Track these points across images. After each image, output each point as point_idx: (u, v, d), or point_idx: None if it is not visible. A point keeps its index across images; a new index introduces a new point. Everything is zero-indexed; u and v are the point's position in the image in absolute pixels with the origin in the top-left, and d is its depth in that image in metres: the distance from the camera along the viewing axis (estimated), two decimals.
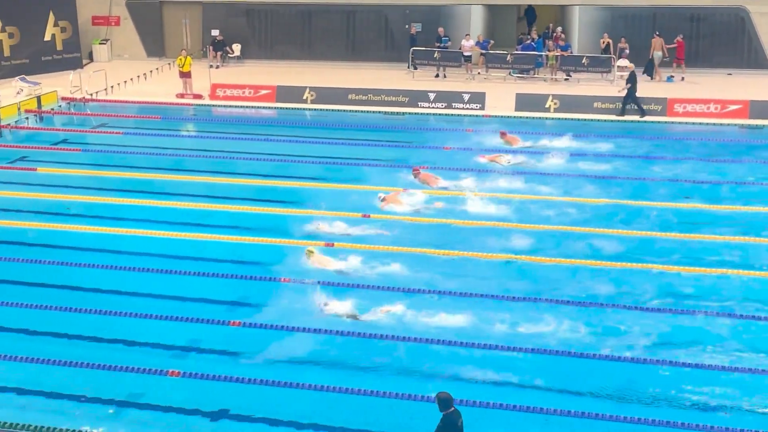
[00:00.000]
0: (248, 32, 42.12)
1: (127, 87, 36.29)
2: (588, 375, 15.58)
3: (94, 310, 17.72)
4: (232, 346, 16.64)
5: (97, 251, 20.69)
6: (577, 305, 17.90)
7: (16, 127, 31.60)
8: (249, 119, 33.29)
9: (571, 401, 14.73)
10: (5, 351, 16.15)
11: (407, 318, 17.33)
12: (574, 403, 14.67)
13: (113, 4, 42.51)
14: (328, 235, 21.36)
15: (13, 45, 38.48)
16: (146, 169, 26.74)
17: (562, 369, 15.78)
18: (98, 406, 14.77)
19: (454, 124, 32.21)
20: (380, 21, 41.28)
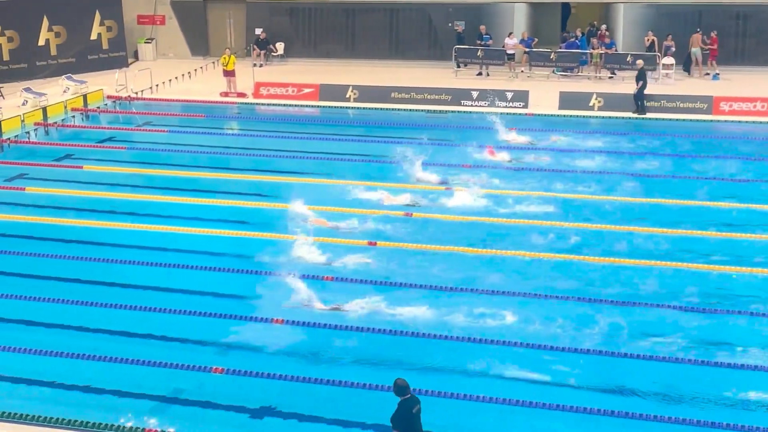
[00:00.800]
0: (292, 31, 42.27)
1: (172, 86, 36.55)
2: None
3: (140, 306, 17.89)
4: (276, 343, 16.73)
5: (142, 248, 20.89)
6: (618, 303, 17.83)
7: (62, 126, 31.96)
8: (292, 117, 33.38)
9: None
10: (50, 346, 16.35)
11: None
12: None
13: (158, 4, 42.85)
14: (365, 233, 21.43)
15: (59, 44, 38.90)
16: (190, 167, 26.93)
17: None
18: (143, 402, 14.93)
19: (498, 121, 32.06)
20: (423, 19, 41.25)
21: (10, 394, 15.13)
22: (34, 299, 18.31)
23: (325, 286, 18.78)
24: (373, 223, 22.11)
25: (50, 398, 15.01)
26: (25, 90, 33.72)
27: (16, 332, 17.17)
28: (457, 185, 24.92)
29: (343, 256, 20.17)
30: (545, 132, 30.67)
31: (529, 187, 24.81)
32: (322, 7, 41.94)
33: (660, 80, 36.42)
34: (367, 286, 18.68)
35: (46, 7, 38.47)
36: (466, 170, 26.44)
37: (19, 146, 29.47)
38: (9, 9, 37.96)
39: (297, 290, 18.13)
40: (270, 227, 21.95)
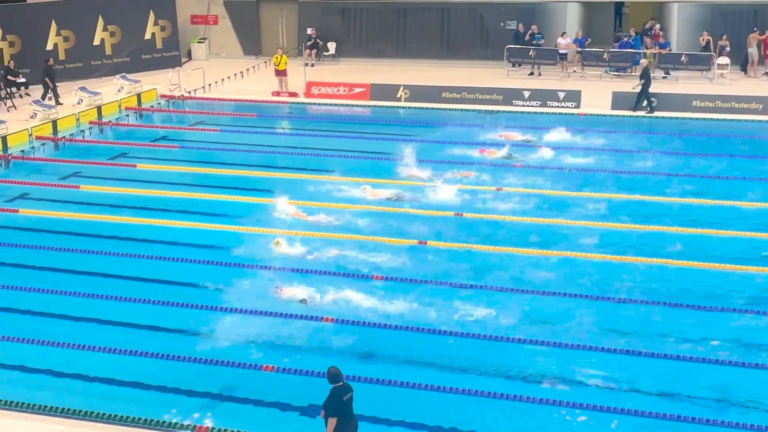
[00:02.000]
0: (343, 30, 42.36)
1: (224, 85, 36.80)
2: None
3: (190, 304, 18.04)
4: (325, 342, 16.78)
5: (194, 246, 21.06)
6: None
7: (116, 124, 32.30)
8: (343, 117, 33.41)
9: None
10: (101, 343, 16.53)
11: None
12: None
13: (211, 4, 43.15)
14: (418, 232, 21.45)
15: (114, 44, 39.33)
16: (242, 166, 27.09)
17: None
18: (194, 399, 15.05)
19: (548, 122, 31.90)
20: (475, 19, 41.14)
21: (66, 389, 15.34)
22: (88, 296, 18.55)
23: (375, 286, 18.83)
24: (421, 223, 22.09)
25: (101, 394, 15.18)
26: (81, 89, 34.14)
27: (67, 328, 17.39)
28: (507, 186, 24.87)
29: (389, 255, 20.23)
30: (597, 132, 30.47)
31: (578, 188, 24.68)
32: (373, 6, 41.98)
33: (715, 80, 36.00)
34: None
35: (101, 7, 38.92)
36: (517, 170, 26.33)
37: (74, 145, 29.84)
38: (65, 9, 38.47)
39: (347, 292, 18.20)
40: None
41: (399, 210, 23.08)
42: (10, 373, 15.86)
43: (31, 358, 16.25)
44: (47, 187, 25.44)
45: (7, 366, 16.05)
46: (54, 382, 15.58)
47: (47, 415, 14.42)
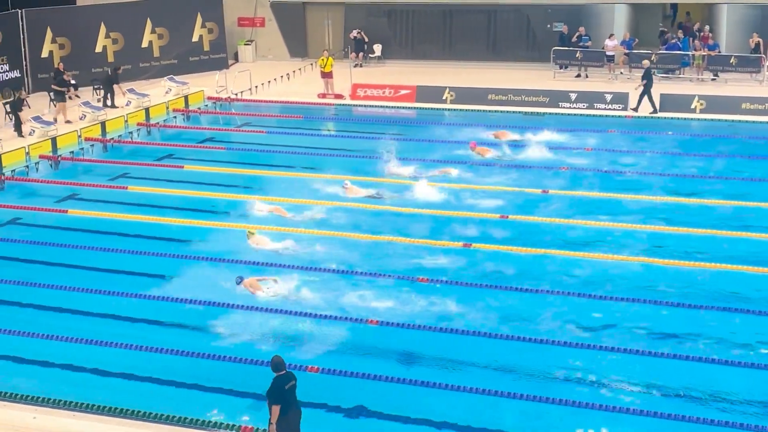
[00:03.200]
0: (389, 32, 42.38)
1: (271, 87, 36.94)
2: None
3: (235, 305, 18.14)
4: (369, 344, 16.80)
5: (239, 248, 21.15)
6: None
7: (164, 126, 32.56)
8: (389, 119, 33.39)
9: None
10: (148, 342, 16.67)
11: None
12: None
13: (258, 6, 43.36)
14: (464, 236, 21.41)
15: (162, 46, 39.65)
16: (288, 167, 27.17)
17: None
18: (239, 399, 15.13)
19: (595, 125, 31.72)
20: (521, 20, 40.98)
21: (114, 388, 15.49)
22: (135, 296, 18.73)
23: (420, 287, 18.84)
24: (473, 226, 22.07)
25: (148, 393, 15.31)
26: (129, 91, 34.45)
27: (115, 328, 17.56)
28: (552, 189, 24.79)
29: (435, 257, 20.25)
30: (645, 134, 30.25)
31: (627, 191, 24.53)
32: (419, 8, 41.96)
33: (764, 82, 35.57)
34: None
35: (149, 10, 39.27)
36: (562, 173, 26.21)
37: (123, 146, 30.13)
38: (114, 12, 38.87)
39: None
40: (361, 227, 22.05)
41: (444, 213, 23.07)
42: (61, 373, 16.04)
43: (80, 357, 16.42)
44: (96, 187, 25.68)
45: (57, 365, 16.23)
46: (102, 381, 15.73)
47: (96, 414, 14.56)
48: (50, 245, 21.52)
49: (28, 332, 17.16)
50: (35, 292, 19.07)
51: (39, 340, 16.95)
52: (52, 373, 16.03)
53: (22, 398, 14.99)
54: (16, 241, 21.92)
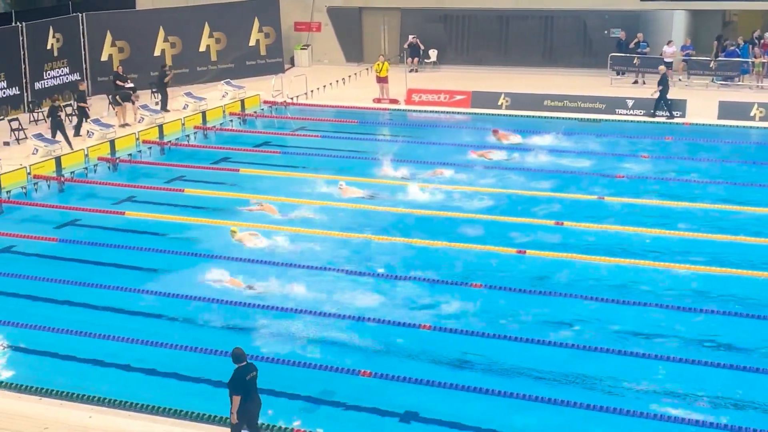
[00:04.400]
0: (445, 37, 42.34)
1: (326, 91, 37.05)
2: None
3: (289, 308, 18.23)
4: (421, 349, 16.80)
5: (293, 250, 21.27)
6: None
7: (220, 129, 32.79)
8: (443, 124, 33.28)
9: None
10: (203, 344, 16.80)
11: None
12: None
13: (315, 11, 43.54)
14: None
15: (219, 50, 39.98)
16: (342, 171, 27.23)
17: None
18: (293, 402, 15.20)
19: (652, 132, 31.42)
20: (578, 26, 40.73)
21: (169, 389, 15.65)
22: (190, 298, 18.89)
23: None
24: (528, 232, 22.01)
25: (202, 394, 15.45)
26: (186, 94, 34.77)
27: (168, 329, 17.75)
28: (608, 195, 24.63)
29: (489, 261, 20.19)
30: (703, 141, 29.94)
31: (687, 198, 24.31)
32: (475, 14, 41.87)
33: None
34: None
35: (207, 14, 39.63)
36: (620, 181, 26.02)
37: (179, 149, 30.42)
38: (173, 15, 39.29)
39: None
40: (412, 231, 22.05)
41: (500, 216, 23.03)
42: (117, 372, 16.24)
43: (135, 358, 16.61)
44: (153, 190, 25.96)
45: (113, 365, 16.43)
46: (157, 381, 15.91)
47: (150, 414, 14.72)
48: (108, 246, 21.78)
49: (85, 332, 17.38)
50: (92, 293, 19.33)
51: (96, 340, 17.18)
52: (108, 372, 16.23)
53: (79, 398, 15.19)
54: (74, 242, 22.22)
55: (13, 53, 34.06)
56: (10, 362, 16.77)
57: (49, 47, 35.62)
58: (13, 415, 14.67)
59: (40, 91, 34.99)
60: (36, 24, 35.16)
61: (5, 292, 19.59)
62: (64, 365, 16.45)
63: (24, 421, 14.56)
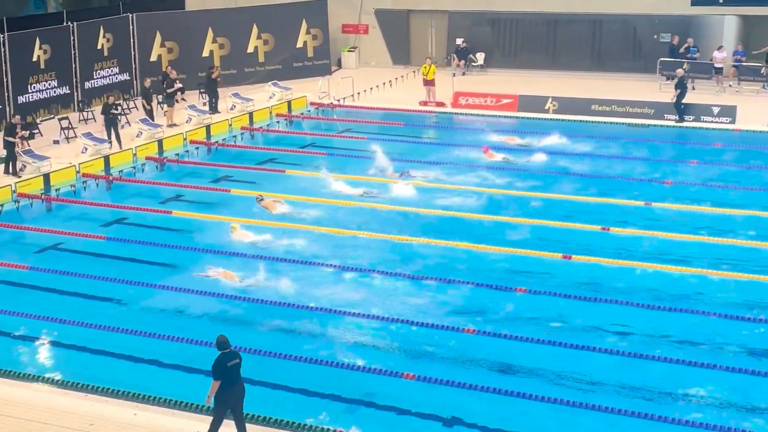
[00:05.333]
0: (492, 41, 42.20)
1: (373, 93, 37.07)
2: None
3: (330, 309, 18.28)
4: (466, 353, 16.74)
5: (338, 254, 21.30)
6: None
7: (267, 130, 32.92)
8: (490, 128, 33.11)
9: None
10: (250, 344, 16.85)
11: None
12: None
13: (363, 13, 43.59)
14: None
15: (267, 51, 40.14)
16: (386, 174, 27.23)
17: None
18: (336, 404, 15.21)
19: (701, 138, 31.09)
20: (628, 31, 40.39)
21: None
22: (235, 298, 18.97)
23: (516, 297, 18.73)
24: (573, 237, 21.85)
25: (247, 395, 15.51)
26: (234, 95, 34.94)
27: (213, 327, 17.79)
28: (656, 201, 24.42)
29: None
30: (753, 148, 29.60)
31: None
32: (523, 17, 41.69)
33: None
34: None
35: (256, 16, 39.81)
36: (668, 187, 25.80)
37: (226, 149, 30.58)
38: (222, 17, 39.50)
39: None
40: (458, 235, 22.01)
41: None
42: (162, 371, 16.38)
43: (181, 357, 16.71)
44: (199, 189, 26.09)
45: (158, 363, 16.54)
46: (203, 380, 15.94)
47: (194, 413, 14.80)
48: (154, 245, 21.93)
49: (132, 330, 17.51)
50: (139, 291, 19.48)
51: (142, 338, 17.29)
52: (153, 370, 16.35)
53: (124, 395, 15.30)
54: (121, 240, 22.40)
55: (65, 53, 34.43)
56: (56, 359, 16.94)
57: (100, 47, 35.96)
58: (59, 412, 14.83)
59: (89, 91, 35.34)
60: (87, 24, 35.52)
61: (53, 288, 19.81)
62: (110, 362, 16.59)
63: (70, 417, 14.70)
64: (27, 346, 17.46)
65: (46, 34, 33.94)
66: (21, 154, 27.06)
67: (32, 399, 15.28)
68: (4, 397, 15.20)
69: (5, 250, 22.11)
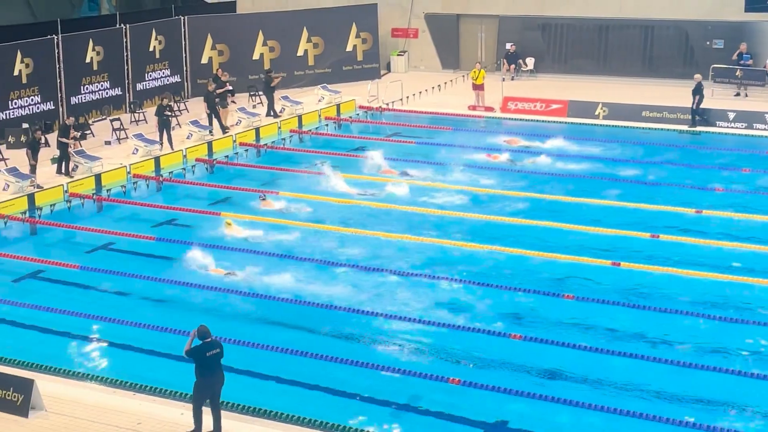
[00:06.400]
0: (542, 46, 42.00)
1: (422, 98, 37.07)
2: None
3: (379, 313, 18.32)
4: (512, 359, 16.69)
5: (384, 256, 21.31)
6: None
7: (316, 133, 33.04)
8: (538, 133, 32.91)
9: None
10: (299, 347, 16.95)
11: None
12: None
13: (412, 17, 43.61)
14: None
15: (317, 55, 40.29)
16: (436, 178, 27.21)
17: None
18: (382, 408, 15.22)
19: (753, 146, 30.73)
20: (680, 37, 40.01)
21: (260, 389, 15.86)
22: (285, 300, 19.08)
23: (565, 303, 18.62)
24: (623, 243, 21.68)
25: (294, 396, 15.58)
26: (283, 98, 35.11)
27: (263, 330, 17.93)
28: (706, 209, 24.17)
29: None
30: None
31: None
32: (574, 22, 41.45)
33: None
34: None
35: (306, 19, 39.98)
36: (719, 194, 25.53)
37: (275, 152, 30.72)
38: (272, 20, 39.74)
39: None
40: (517, 241, 21.94)
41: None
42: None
43: (229, 358, 16.77)
44: (248, 192, 26.22)
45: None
46: (251, 382, 16.10)
47: (243, 414, 14.87)
48: (203, 246, 22.05)
49: (180, 330, 17.61)
50: (188, 292, 19.64)
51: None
52: None
53: (172, 394, 15.44)
54: (171, 241, 22.59)
55: (117, 54, 34.84)
56: (106, 358, 17.12)
57: (151, 49, 36.34)
58: (107, 410, 14.98)
59: (141, 92, 35.72)
60: (139, 26, 35.91)
61: (103, 288, 20.04)
62: (159, 362, 16.74)
63: (118, 415, 14.86)
64: (78, 345, 17.69)
65: (99, 35, 34.39)
66: (73, 155, 27.42)
67: (83, 397, 15.47)
68: (55, 395, 15.40)
69: (57, 249, 22.44)
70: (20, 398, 14.93)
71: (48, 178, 26.76)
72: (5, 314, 18.77)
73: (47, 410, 15.00)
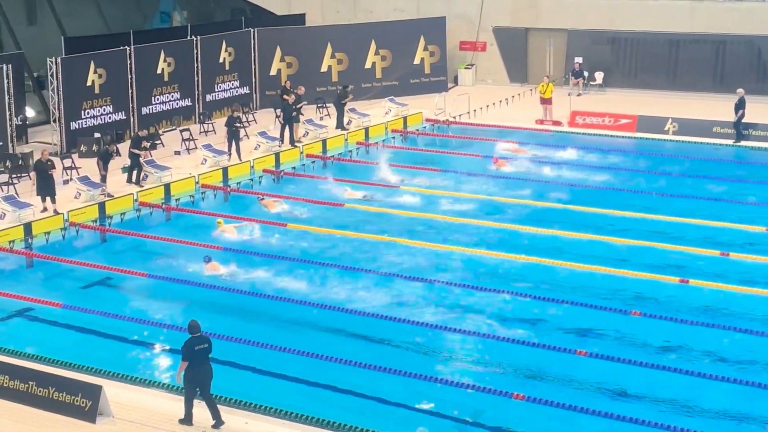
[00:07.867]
0: (612, 60, 41.67)
1: (489, 111, 36.96)
2: None
3: (448, 327, 18.32)
4: (576, 376, 16.55)
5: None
6: None
7: (382, 146, 33.07)
8: (607, 148, 32.62)
9: None
10: (354, 357, 16.99)
11: None
12: None
13: (481, 30, 43.56)
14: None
15: (385, 67, 40.40)
16: (501, 193, 27.10)
17: None
18: (443, 421, 15.18)
19: None
20: (752, 51, 39.42)
21: (321, 399, 15.96)
22: (344, 311, 19.14)
23: None
24: (690, 261, 21.40)
25: (351, 407, 15.63)
26: (350, 110, 35.24)
27: (323, 339, 18.00)
28: None
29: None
30: None
31: None
32: (644, 37, 41.07)
33: None
34: None
35: (374, 32, 40.14)
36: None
37: (342, 164, 30.83)
38: (341, 33, 39.98)
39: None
40: (584, 257, 21.78)
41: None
42: (274, 381, 16.65)
43: (293, 368, 16.91)
44: (314, 203, 26.33)
45: (271, 374, 16.78)
46: (312, 391, 16.16)
47: (305, 424, 14.93)
48: (268, 257, 22.21)
49: (245, 340, 17.76)
50: (254, 302, 19.78)
51: (255, 348, 17.53)
52: (265, 380, 16.56)
53: (236, 403, 15.53)
54: (238, 252, 22.72)
55: (188, 66, 35.29)
56: (171, 365, 17.27)
57: (221, 61, 36.76)
58: (173, 417, 15.12)
59: (210, 104, 36.13)
60: (210, 38, 36.33)
61: (170, 297, 20.25)
62: (225, 370, 16.81)
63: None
64: (145, 352, 17.89)
65: (170, 47, 34.87)
66: (144, 164, 27.80)
67: (149, 404, 15.65)
68: (127, 402, 15.62)
69: (126, 257, 22.73)
70: (88, 404, 15.17)
71: (118, 187, 27.17)
72: (75, 320, 19.07)
73: (114, 416, 15.21)
